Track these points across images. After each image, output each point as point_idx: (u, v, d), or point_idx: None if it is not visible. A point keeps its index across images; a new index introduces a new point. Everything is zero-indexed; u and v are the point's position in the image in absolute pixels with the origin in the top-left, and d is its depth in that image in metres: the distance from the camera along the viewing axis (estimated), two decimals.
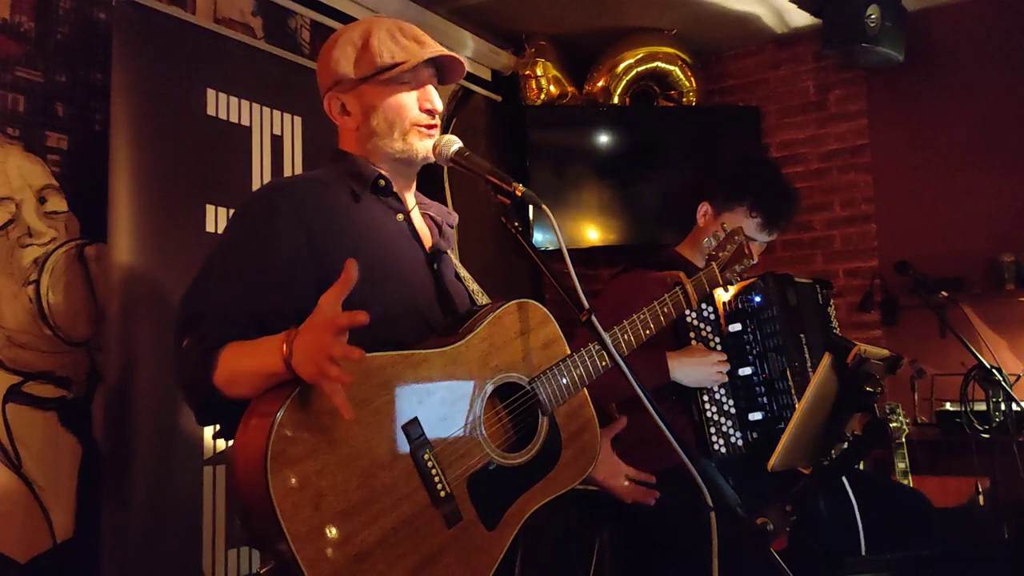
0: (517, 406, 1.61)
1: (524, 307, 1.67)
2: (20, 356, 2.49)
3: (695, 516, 1.49)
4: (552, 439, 1.63)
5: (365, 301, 1.53)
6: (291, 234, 1.54)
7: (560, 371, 1.63)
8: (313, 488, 1.32)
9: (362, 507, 1.36)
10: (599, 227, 4.45)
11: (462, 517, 1.46)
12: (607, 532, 2.78)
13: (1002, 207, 3.97)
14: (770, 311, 2.38)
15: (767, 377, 2.37)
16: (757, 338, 2.39)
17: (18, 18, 2.58)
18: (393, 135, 1.67)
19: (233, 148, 2.86)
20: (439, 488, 1.44)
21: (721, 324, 2.42)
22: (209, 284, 1.54)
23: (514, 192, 1.57)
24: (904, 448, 3.09)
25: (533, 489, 1.58)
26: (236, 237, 1.59)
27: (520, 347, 1.62)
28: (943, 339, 3.59)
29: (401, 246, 1.67)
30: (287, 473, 1.30)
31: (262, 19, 3.35)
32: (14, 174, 2.52)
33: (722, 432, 2.38)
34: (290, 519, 1.28)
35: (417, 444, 1.43)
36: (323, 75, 1.74)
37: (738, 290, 2.40)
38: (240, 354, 1.43)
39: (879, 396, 2.12)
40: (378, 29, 1.68)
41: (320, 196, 1.61)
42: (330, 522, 1.32)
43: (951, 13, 4.17)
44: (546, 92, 4.43)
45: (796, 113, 4.55)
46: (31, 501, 2.46)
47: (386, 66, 1.64)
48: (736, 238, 1.91)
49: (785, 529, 1.55)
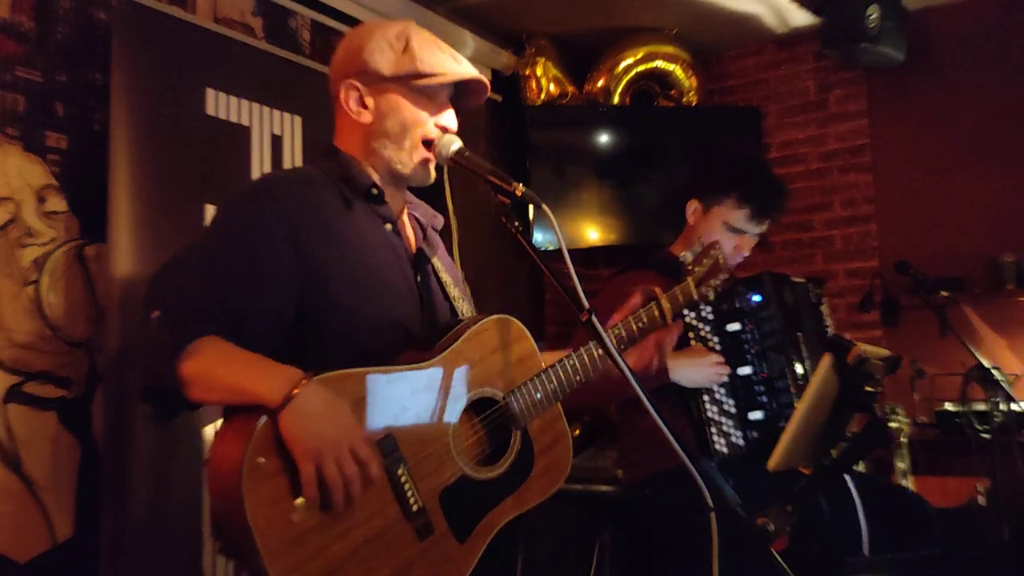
0: (491, 420, 1.61)
1: (501, 323, 1.66)
2: (20, 356, 2.49)
3: (695, 516, 1.48)
4: (525, 452, 1.63)
5: (348, 312, 1.54)
6: (278, 234, 1.51)
7: (535, 386, 1.63)
8: (286, 504, 1.33)
9: (334, 522, 1.37)
10: (599, 227, 4.45)
11: (433, 530, 1.47)
12: (607, 533, 2.78)
13: (1002, 207, 3.97)
14: (768, 310, 2.39)
15: (766, 376, 2.37)
16: (756, 337, 2.39)
17: (18, 18, 2.58)
18: (402, 144, 1.65)
19: (233, 148, 2.86)
20: (411, 502, 1.45)
21: (719, 324, 2.42)
22: (189, 268, 1.50)
23: (514, 192, 1.56)
24: (904, 448, 3.09)
25: (504, 503, 1.58)
26: (223, 229, 1.56)
27: (496, 362, 1.62)
28: (943, 339, 3.58)
29: (387, 258, 1.65)
30: (261, 488, 1.31)
31: (262, 19, 3.35)
32: (14, 174, 2.52)
33: (723, 431, 2.38)
34: (263, 533, 1.30)
35: (392, 460, 1.44)
36: (348, 63, 1.67)
37: (734, 288, 2.41)
38: (226, 361, 1.40)
39: (879, 396, 2.12)
40: (418, 34, 1.66)
41: (311, 198, 1.58)
42: (302, 536, 1.34)
43: (951, 13, 4.17)
44: (546, 92, 4.43)
45: (796, 113, 4.55)
46: (31, 501, 2.46)
47: (424, 73, 1.62)
48: (712, 252, 1.89)
49: (786, 529, 1.55)
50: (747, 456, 2.36)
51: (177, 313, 1.42)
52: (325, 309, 1.54)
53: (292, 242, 1.52)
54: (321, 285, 1.53)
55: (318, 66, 3.23)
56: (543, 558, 3.25)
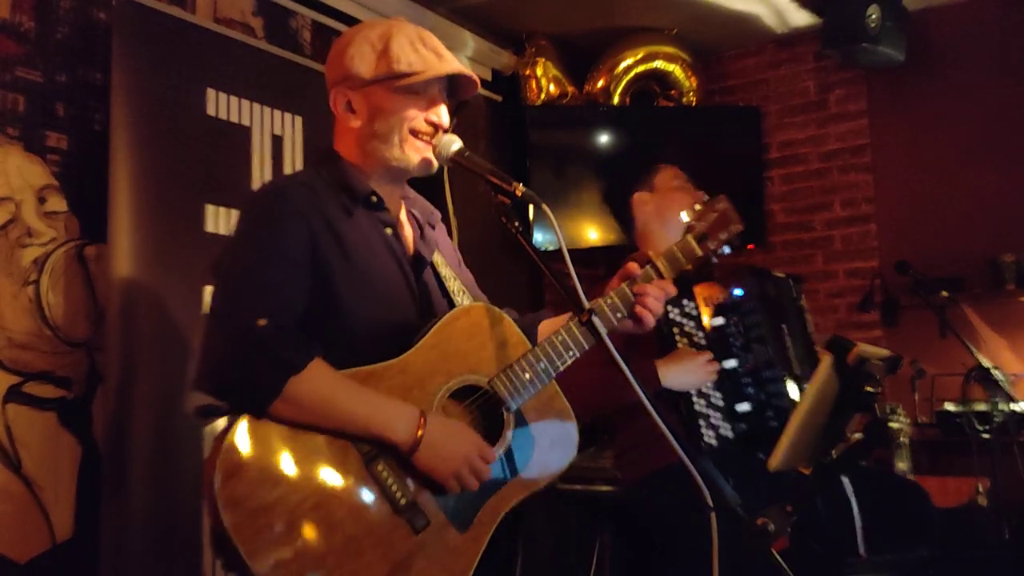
0: (479, 406, 1.60)
1: (473, 311, 1.64)
2: (20, 356, 2.49)
3: (695, 516, 1.48)
4: (523, 435, 1.61)
5: (350, 318, 1.55)
6: (300, 235, 1.55)
7: (522, 367, 1.60)
8: (269, 511, 1.36)
9: (320, 523, 1.39)
10: (599, 227, 4.45)
11: (429, 522, 1.47)
12: (607, 533, 2.78)
13: (1002, 207, 3.97)
14: (751, 303, 2.40)
15: (752, 367, 2.38)
16: (740, 330, 2.40)
17: (18, 18, 2.58)
18: (392, 141, 1.65)
19: (233, 148, 2.86)
20: (399, 496, 1.46)
21: (703, 319, 2.43)
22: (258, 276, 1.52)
23: (514, 192, 1.57)
24: (904, 448, 3.09)
25: (507, 487, 1.57)
26: (262, 237, 1.57)
27: (475, 350, 1.60)
28: (943, 339, 3.58)
29: (387, 262, 1.65)
30: (242, 496, 1.34)
31: (262, 19, 3.35)
32: (14, 174, 2.52)
33: (711, 424, 2.39)
34: (246, 541, 1.33)
35: (369, 457, 1.46)
36: (334, 69, 1.70)
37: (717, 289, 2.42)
38: (343, 393, 1.46)
39: (879, 396, 2.12)
40: (399, 34, 1.66)
41: (317, 203, 1.60)
42: (288, 540, 1.36)
43: (952, 13, 4.17)
44: (546, 92, 4.43)
45: (796, 113, 4.55)
46: (31, 501, 2.46)
47: (402, 73, 1.62)
48: (718, 205, 1.77)
49: (786, 529, 1.55)
50: (736, 449, 2.36)
51: (287, 329, 1.46)
52: (327, 311, 1.55)
53: (309, 244, 1.55)
54: (326, 288, 1.55)
55: (318, 66, 3.23)
56: (543, 558, 3.25)
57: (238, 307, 1.48)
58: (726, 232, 1.76)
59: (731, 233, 1.77)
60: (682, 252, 1.74)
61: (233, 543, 1.33)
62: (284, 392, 1.41)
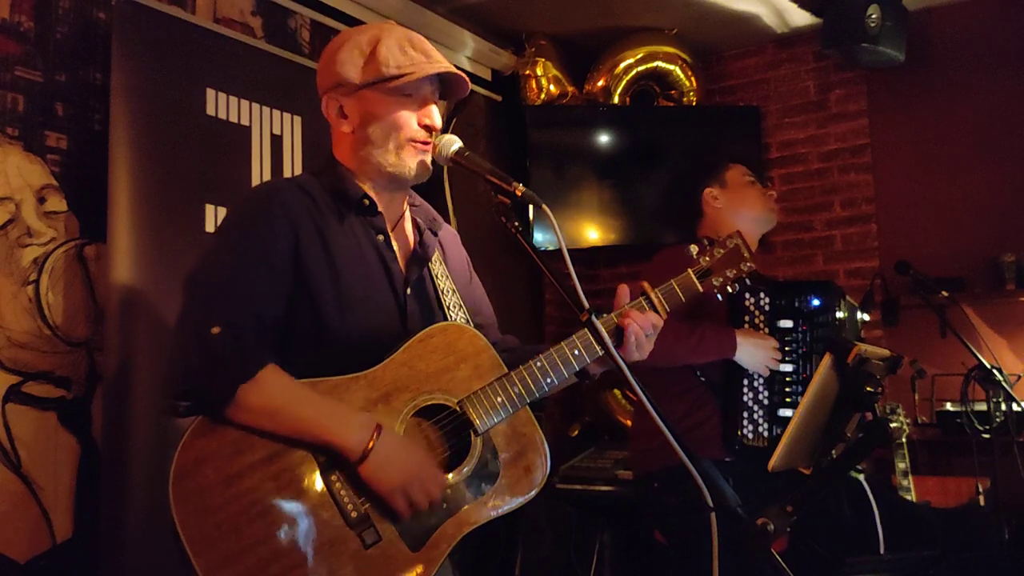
0: (444, 426, 1.57)
1: (450, 330, 1.61)
2: (20, 356, 2.49)
3: (695, 516, 1.48)
4: (489, 461, 1.57)
5: (331, 326, 1.55)
6: (285, 240, 1.55)
7: (495, 390, 1.57)
8: (217, 511, 1.37)
9: (268, 529, 1.39)
10: (599, 227, 4.45)
11: (380, 538, 1.45)
12: (607, 533, 2.78)
13: (1002, 207, 3.97)
14: (824, 316, 2.41)
15: (807, 376, 2.38)
16: (805, 339, 2.42)
17: (18, 18, 2.58)
18: (387, 147, 1.64)
19: (232, 148, 2.86)
20: (350, 509, 1.45)
21: (773, 316, 2.46)
22: (226, 281, 1.52)
23: (514, 192, 1.56)
24: (904, 448, 3.09)
25: (464, 511, 1.53)
26: (243, 239, 1.57)
27: (448, 368, 1.57)
28: (943, 339, 3.58)
29: (374, 271, 1.63)
30: (192, 494, 1.36)
31: (262, 19, 3.35)
32: (14, 174, 2.51)
33: (753, 419, 2.41)
34: (192, 540, 1.35)
35: (325, 467, 1.45)
36: (325, 75, 1.71)
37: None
38: (296, 399, 1.45)
39: (879, 396, 2.12)
40: (388, 37, 1.65)
41: (309, 208, 1.60)
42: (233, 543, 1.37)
43: (952, 13, 4.17)
44: (546, 92, 4.43)
45: (796, 113, 4.55)
46: (31, 501, 2.46)
47: (391, 76, 1.62)
48: (729, 242, 1.74)
49: (786, 530, 1.54)
50: (765, 451, 2.35)
51: (241, 338, 1.45)
52: (308, 319, 1.55)
53: (295, 250, 1.55)
54: (306, 295, 1.55)
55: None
56: (543, 558, 3.25)
57: (197, 314, 1.49)
58: (735, 270, 1.73)
59: (740, 272, 1.73)
60: (680, 287, 1.70)
61: (181, 539, 1.35)
62: (236, 399, 1.41)
